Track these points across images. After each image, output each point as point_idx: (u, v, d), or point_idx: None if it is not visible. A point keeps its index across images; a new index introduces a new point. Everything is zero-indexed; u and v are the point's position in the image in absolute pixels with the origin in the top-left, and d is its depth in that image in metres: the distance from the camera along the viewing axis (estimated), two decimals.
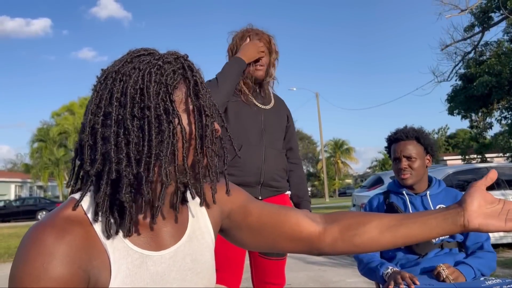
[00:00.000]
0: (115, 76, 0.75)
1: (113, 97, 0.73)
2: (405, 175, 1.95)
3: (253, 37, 2.01)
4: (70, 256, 0.68)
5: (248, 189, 1.91)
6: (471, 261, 1.79)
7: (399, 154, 1.97)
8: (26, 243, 0.69)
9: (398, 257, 1.90)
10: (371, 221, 0.89)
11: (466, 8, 12.03)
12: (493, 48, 14.54)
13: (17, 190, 39.03)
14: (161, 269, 0.79)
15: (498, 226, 0.81)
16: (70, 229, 0.71)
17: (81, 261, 0.69)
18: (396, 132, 2.03)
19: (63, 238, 0.69)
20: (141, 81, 0.73)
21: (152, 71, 0.74)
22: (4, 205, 24.75)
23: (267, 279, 1.96)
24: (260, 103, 2.03)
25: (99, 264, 0.72)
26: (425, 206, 1.93)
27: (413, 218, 0.87)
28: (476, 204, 0.82)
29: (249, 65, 2.00)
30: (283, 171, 2.05)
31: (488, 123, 16.49)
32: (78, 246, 0.70)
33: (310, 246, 0.92)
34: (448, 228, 0.83)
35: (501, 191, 6.08)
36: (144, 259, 0.77)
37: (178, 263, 0.82)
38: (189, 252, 0.85)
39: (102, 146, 0.72)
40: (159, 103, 0.73)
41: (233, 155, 1.88)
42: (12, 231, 14.41)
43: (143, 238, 0.79)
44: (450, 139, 39.99)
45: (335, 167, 49.41)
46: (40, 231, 0.69)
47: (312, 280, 4.80)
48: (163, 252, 0.80)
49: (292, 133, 2.19)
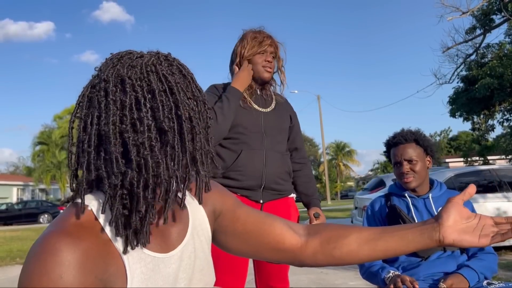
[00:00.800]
0: (102, 85, 0.73)
1: (109, 102, 0.71)
2: (408, 179, 1.94)
3: (265, 38, 2.01)
4: (88, 265, 0.65)
5: (249, 193, 1.92)
6: (474, 264, 1.79)
7: (400, 158, 1.96)
8: (40, 252, 0.65)
9: (400, 260, 1.90)
10: (350, 234, 0.90)
11: (468, 10, 12.01)
12: (494, 50, 14.54)
13: (19, 193, 39.10)
14: (171, 270, 0.79)
15: (471, 242, 0.83)
16: (84, 236, 0.68)
17: (98, 270, 0.67)
18: (395, 136, 2.02)
19: (79, 246, 0.66)
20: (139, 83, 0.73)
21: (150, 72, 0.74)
22: (6, 208, 24.75)
23: (271, 282, 1.96)
24: (260, 107, 2.03)
25: (115, 270, 0.70)
26: (428, 208, 1.93)
27: (391, 232, 0.88)
28: (451, 219, 0.84)
29: (257, 65, 2.00)
30: (286, 174, 2.04)
31: (490, 125, 16.47)
32: (94, 254, 0.67)
33: (293, 257, 0.94)
34: (424, 243, 0.85)
35: (503, 193, 6.06)
36: (157, 262, 0.76)
37: (184, 262, 0.82)
38: (193, 250, 0.85)
39: (109, 150, 0.70)
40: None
41: (233, 160, 1.91)
42: (14, 234, 14.41)
43: (154, 240, 0.78)
44: (452, 142, 39.92)
45: (337, 169, 49.40)
46: (54, 240, 0.66)
47: (314, 283, 4.80)
48: (172, 253, 0.80)
49: (297, 133, 2.18)
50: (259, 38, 2.01)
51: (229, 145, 1.95)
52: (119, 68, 0.73)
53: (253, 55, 2.00)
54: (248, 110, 1.99)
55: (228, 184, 1.91)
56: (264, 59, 2.00)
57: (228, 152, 1.94)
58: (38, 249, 0.65)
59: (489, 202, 5.92)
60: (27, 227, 18.80)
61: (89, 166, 0.71)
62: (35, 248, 0.66)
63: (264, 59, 2.00)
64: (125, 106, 0.69)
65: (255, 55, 2.00)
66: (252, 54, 2.00)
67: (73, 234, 0.67)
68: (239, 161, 1.91)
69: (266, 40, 2.01)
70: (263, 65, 2.00)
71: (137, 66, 0.73)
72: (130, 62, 0.74)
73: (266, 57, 2.00)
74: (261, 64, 2.00)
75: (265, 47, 2.00)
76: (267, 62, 2.00)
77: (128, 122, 0.69)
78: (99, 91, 0.72)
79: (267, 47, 2.00)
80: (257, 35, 2.02)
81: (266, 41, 2.01)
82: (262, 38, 2.01)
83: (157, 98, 0.70)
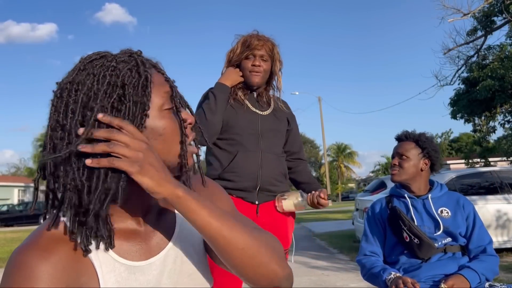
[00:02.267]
0: (70, 87, 0.71)
1: (69, 108, 0.69)
2: (393, 171, 2.01)
3: (254, 42, 1.98)
4: (57, 277, 0.66)
5: (245, 194, 1.92)
6: (476, 266, 1.79)
7: (394, 152, 2.05)
8: (10, 267, 0.67)
9: (401, 261, 1.90)
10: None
11: (469, 12, 12.00)
12: (496, 52, 14.52)
13: (20, 195, 39.09)
14: (151, 277, 0.77)
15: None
16: (54, 249, 0.68)
17: (69, 280, 0.67)
18: (400, 133, 2.08)
19: (48, 259, 0.67)
20: (96, 85, 0.70)
21: (107, 73, 0.70)
22: (7, 209, 24.81)
23: None
24: (256, 109, 2.02)
25: (87, 280, 0.70)
26: (427, 209, 1.93)
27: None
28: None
29: (244, 70, 2.00)
30: (281, 176, 2.04)
31: (491, 127, 16.44)
32: (64, 265, 0.68)
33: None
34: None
35: (504, 195, 6.05)
36: (132, 270, 0.75)
37: (168, 267, 0.80)
38: (179, 253, 0.83)
39: (63, 160, 0.68)
40: (110, 104, 0.70)
41: (229, 161, 1.90)
42: (15, 235, 14.43)
43: (132, 247, 0.77)
44: (453, 143, 39.94)
45: (338, 171, 49.38)
46: (23, 254, 0.67)
47: (315, 285, 4.79)
48: (153, 259, 0.78)
49: (295, 135, 2.17)
50: (248, 42, 1.99)
51: (225, 146, 1.95)
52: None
53: (240, 60, 2.00)
54: (244, 112, 1.99)
55: (223, 185, 1.90)
56: (251, 64, 1.98)
57: (224, 153, 1.94)
58: (9, 265, 0.67)
59: (490, 204, 5.90)
60: (28, 229, 18.80)
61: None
62: (7, 264, 0.68)
63: (251, 63, 1.98)
64: (59, 112, 0.70)
65: (242, 60, 1.99)
66: (240, 59, 2.00)
67: (42, 247, 0.68)
68: (235, 163, 1.91)
69: (254, 44, 1.97)
70: (250, 70, 1.99)
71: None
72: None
73: (253, 61, 1.98)
74: (248, 69, 1.99)
75: (253, 51, 1.97)
76: (254, 67, 1.98)
77: (59, 129, 0.69)
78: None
79: (256, 50, 1.97)
80: (248, 39, 2.00)
81: (255, 44, 1.97)
82: (251, 42, 1.98)
83: (81, 103, 0.70)
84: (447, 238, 1.87)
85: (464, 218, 1.91)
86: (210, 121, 1.88)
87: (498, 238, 5.77)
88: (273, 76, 2.07)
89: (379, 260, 1.94)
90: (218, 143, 1.96)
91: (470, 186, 6.28)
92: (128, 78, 0.71)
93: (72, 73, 0.72)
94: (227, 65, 2.05)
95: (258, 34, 2.03)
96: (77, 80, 0.71)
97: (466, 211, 1.93)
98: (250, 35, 2.03)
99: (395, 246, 1.93)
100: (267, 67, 2.01)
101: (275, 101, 2.11)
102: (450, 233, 1.87)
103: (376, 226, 2.00)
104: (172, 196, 0.70)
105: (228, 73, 2.01)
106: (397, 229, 1.90)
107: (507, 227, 5.88)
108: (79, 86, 0.70)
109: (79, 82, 0.70)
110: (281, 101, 2.15)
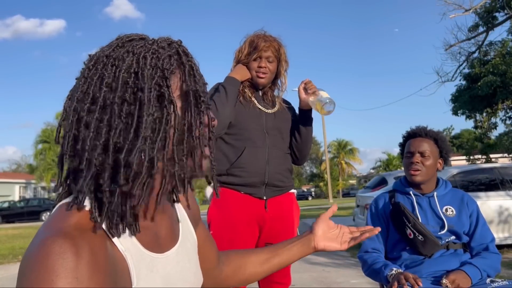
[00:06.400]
0: (106, 61, 0.69)
1: (104, 82, 0.67)
2: (415, 171, 1.91)
3: (260, 43, 1.99)
4: (97, 264, 0.61)
5: (253, 190, 1.94)
6: (477, 262, 1.78)
7: (414, 149, 1.94)
8: (42, 260, 0.58)
9: (403, 257, 1.89)
10: (250, 257, 1.07)
11: (470, 8, 11.98)
12: (497, 48, 14.45)
13: (21, 191, 39.16)
14: (167, 271, 0.76)
15: (335, 247, 1.10)
16: (87, 239, 0.63)
17: (107, 268, 0.63)
18: (416, 129, 2.01)
19: (84, 248, 0.61)
20: (136, 65, 0.68)
21: (147, 55, 0.69)
22: (9, 206, 24.86)
23: (274, 278, 1.95)
24: (262, 106, 2.05)
25: (120, 269, 0.67)
26: (432, 207, 1.91)
27: (281, 248, 1.09)
28: (320, 231, 1.10)
29: (251, 70, 2.02)
30: (287, 171, 2.06)
31: (493, 123, 16.39)
32: (100, 253, 0.63)
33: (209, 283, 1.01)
34: (305, 251, 1.09)
35: (505, 191, 6.05)
36: (154, 262, 0.73)
37: (180, 263, 0.80)
38: (186, 252, 0.84)
39: (84, 134, 0.66)
40: (154, 87, 0.68)
41: (236, 157, 1.90)
42: (16, 232, 14.46)
43: (149, 240, 0.74)
44: (455, 140, 39.83)
45: (338, 167, 49.36)
46: (55, 243, 0.59)
47: (316, 281, 4.80)
48: (167, 253, 0.78)
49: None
50: (255, 43, 2.01)
51: (232, 141, 1.96)
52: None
53: (248, 61, 2.02)
54: (251, 108, 2.01)
55: (231, 181, 1.92)
56: (257, 65, 2.01)
57: (231, 148, 1.96)
58: (39, 258, 0.58)
59: (492, 200, 5.90)
60: (29, 225, 18.86)
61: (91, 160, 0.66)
62: (34, 257, 0.59)
63: (258, 65, 2.01)
64: (91, 85, 0.69)
65: (250, 61, 2.02)
66: (248, 60, 2.02)
67: (76, 238, 0.61)
68: (242, 158, 1.92)
69: (261, 45, 1.99)
70: (256, 71, 2.02)
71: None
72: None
73: (259, 63, 2.01)
74: (255, 70, 2.02)
75: (260, 52, 2.00)
76: (260, 68, 2.01)
77: (88, 101, 0.68)
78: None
79: (262, 52, 2.00)
80: (255, 39, 2.02)
81: (262, 46, 1.99)
82: (258, 43, 2.00)
83: (121, 80, 0.68)
84: (451, 237, 1.86)
85: (467, 216, 1.90)
86: (221, 113, 1.88)
87: (499, 235, 5.77)
88: (279, 76, 2.10)
89: (380, 256, 1.93)
90: (224, 137, 1.97)
91: (471, 183, 6.28)
92: (166, 64, 0.70)
93: (108, 49, 0.71)
94: (235, 64, 2.08)
95: (265, 35, 2.05)
96: (114, 56, 0.70)
97: (470, 209, 1.92)
98: (257, 35, 2.04)
99: (397, 242, 1.92)
100: (273, 68, 2.04)
101: (281, 102, 2.13)
102: (454, 232, 1.86)
103: (379, 222, 1.98)
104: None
105: (237, 69, 2.04)
106: (400, 225, 1.89)
107: (508, 223, 5.88)
108: (116, 61, 0.69)
109: (116, 58, 0.69)
110: (288, 103, 2.18)
